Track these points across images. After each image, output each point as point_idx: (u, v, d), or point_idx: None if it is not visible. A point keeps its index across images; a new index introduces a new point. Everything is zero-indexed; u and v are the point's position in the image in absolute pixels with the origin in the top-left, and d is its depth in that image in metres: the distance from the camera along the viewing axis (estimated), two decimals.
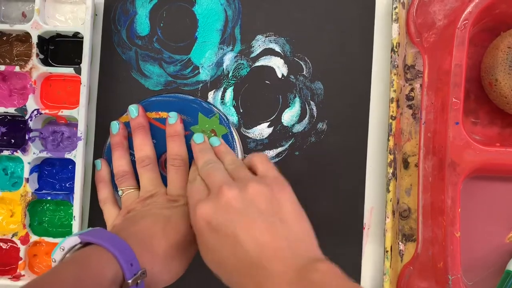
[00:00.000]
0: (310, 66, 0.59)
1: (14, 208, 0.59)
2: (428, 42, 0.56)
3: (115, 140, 0.57)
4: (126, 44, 0.61)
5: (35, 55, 0.58)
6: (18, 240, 0.58)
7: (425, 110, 0.55)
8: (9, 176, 0.61)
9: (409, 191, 0.57)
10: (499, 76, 0.52)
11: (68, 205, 0.60)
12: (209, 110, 0.58)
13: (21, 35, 0.61)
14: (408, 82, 0.57)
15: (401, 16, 0.56)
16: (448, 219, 0.51)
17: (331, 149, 0.59)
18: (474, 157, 0.51)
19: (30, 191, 0.58)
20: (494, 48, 0.53)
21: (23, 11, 0.62)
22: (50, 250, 0.59)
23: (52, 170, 0.60)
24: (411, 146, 0.57)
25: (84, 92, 0.57)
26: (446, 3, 0.55)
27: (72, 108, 0.58)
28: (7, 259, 0.60)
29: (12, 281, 0.57)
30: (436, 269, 0.52)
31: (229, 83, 0.60)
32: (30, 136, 0.58)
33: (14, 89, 0.61)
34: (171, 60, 0.61)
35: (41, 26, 0.58)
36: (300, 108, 0.59)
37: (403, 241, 0.56)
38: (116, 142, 0.57)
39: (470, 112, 0.56)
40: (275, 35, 0.60)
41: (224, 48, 0.60)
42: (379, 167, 0.58)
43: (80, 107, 0.57)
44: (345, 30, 0.59)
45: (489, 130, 0.56)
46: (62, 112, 0.58)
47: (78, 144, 0.57)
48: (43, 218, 0.60)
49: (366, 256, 0.58)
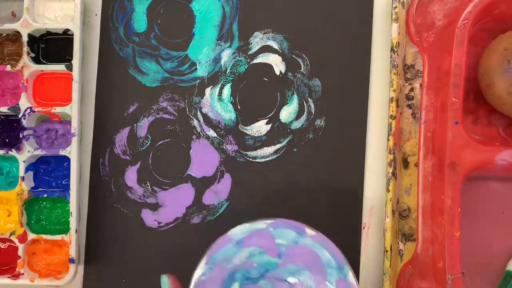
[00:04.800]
0: (308, 63, 0.59)
1: (10, 207, 0.59)
2: (428, 41, 0.56)
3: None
4: (124, 41, 0.61)
5: (26, 54, 0.58)
6: (16, 238, 0.58)
7: (425, 110, 0.55)
8: (4, 176, 0.60)
9: (408, 191, 0.57)
10: (495, 78, 0.52)
11: (65, 202, 0.59)
12: None
13: (12, 35, 0.61)
14: (408, 82, 0.57)
15: (400, 16, 0.56)
16: (447, 218, 0.51)
17: (329, 146, 0.59)
18: (473, 156, 0.51)
19: (26, 189, 0.58)
20: (491, 50, 0.53)
21: (12, 10, 0.61)
22: (49, 248, 0.59)
23: (48, 168, 0.60)
24: (411, 146, 0.57)
25: (76, 88, 0.57)
26: (446, 3, 0.55)
27: (65, 105, 0.58)
28: (6, 258, 0.60)
29: (11, 280, 0.57)
30: (435, 269, 0.53)
31: (226, 79, 0.60)
32: (24, 134, 0.58)
33: (6, 88, 0.60)
34: (168, 57, 0.60)
35: (31, 25, 0.58)
36: (298, 105, 0.59)
37: (403, 240, 0.57)
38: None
39: (469, 111, 0.56)
40: (273, 32, 0.60)
41: (221, 45, 0.60)
42: (378, 166, 0.58)
43: (73, 104, 0.57)
44: (343, 27, 0.59)
45: (488, 129, 0.56)
46: (55, 110, 0.58)
47: (72, 141, 0.57)
48: (41, 216, 0.60)
49: (365, 256, 0.58)
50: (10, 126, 0.61)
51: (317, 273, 0.49)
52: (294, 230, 0.50)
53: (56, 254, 0.59)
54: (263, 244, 0.49)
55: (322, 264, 0.49)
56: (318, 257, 0.49)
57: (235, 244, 0.49)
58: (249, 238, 0.49)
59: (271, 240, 0.49)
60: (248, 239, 0.49)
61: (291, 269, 0.49)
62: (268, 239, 0.49)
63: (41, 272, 0.59)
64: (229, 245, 0.49)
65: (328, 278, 0.49)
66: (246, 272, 0.49)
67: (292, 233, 0.50)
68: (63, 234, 0.58)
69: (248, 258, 0.49)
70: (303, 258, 0.49)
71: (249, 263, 0.49)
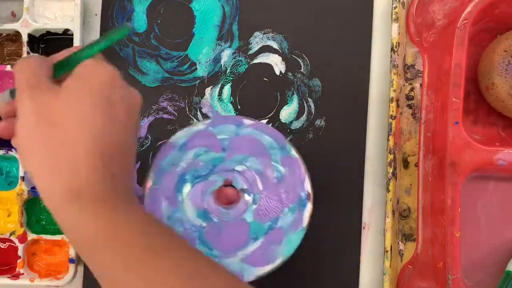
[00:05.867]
0: (308, 63, 0.59)
1: (11, 207, 0.59)
2: (428, 41, 0.56)
3: None
4: (123, 41, 0.60)
5: (26, 54, 0.58)
6: (16, 238, 0.58)
7: (425, 110, 0.55)
8: (4, 176, 0.60)
9: (409, 191, 0.57)
10: (495, 80, 0.52)
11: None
12: None
13: (12, 35, 0.61)
14: (408, 82, 0.57)
15: (401, 16, 0.56)
16: (448, 219, 0.51)
17: (330, 146, 0.59)
18: (474, 157, 0.51)
19: (26, 190, 0.58)
20: (491, 51, 0.53)
21: (12, 10, 0.61)
22: (49, 248, 0.59)
23: None
24: (411, 146, 0.57)
25: None
26: (446, 3, 0.55)
27: None
28: (6, 259, 0.59)
29: (11, 280, 0.57)
30: (436, 269, 0.53)
31: (226, 79, 0.60)
32: None
33: (6, 88, 0.60)
34: (168, 57, 0.60)
35: (31, 24, 0.58)
36: (298, 105, 0.59)
37: (403, 240, 0.57)
38: None
39: (469, 111, 0.57)
40: (273, 32, 0.60)
41: (221, 45, 0.60)
42: (379, 166, 0.58)
43: None
44: (344, 27, 0.59)
45: (489, 129, 0.56)
46: None
47: None
48: (41, 216, 0.60)
49: (365, 256, 0.58)
50: None
51: (262, 156, 0.51)
52: (233, 123, 0.51)
53: (56, 254, 0.59)
54: (206, 143, 0.51)
55: (264, 147, 0.51)
56: (260, 143, 0.51)
57: (179, 149, 0.51)
58: (191, 140, 0.51)
59: (212, 138, 0.51)
60: (190, 141, 0.51)
61: (237, 159, 0.51)
62: (209, 137, 0.51)
63: (41, 272, 0.59)
64: (173, 152, 0.51)
65: (273, 158, 0.51)
66: (195, 171, 0.51)
67: (231, 127, 0.51)
68: (63, 234, 0.58)
69: (194, 159, 0.51)
70: (246, 147, 0.51)
71: (196, 163, 0.51)
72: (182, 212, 0.50)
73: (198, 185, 0.51)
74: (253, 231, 0.50)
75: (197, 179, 0.51)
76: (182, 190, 0.51)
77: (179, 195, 0.51)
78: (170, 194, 0.51)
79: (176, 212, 0.50)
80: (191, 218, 0.50)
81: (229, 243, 0.50)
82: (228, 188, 0.51)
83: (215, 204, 0.51)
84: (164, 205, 0.50)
